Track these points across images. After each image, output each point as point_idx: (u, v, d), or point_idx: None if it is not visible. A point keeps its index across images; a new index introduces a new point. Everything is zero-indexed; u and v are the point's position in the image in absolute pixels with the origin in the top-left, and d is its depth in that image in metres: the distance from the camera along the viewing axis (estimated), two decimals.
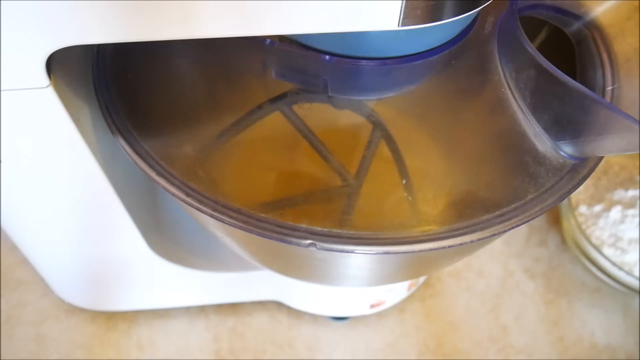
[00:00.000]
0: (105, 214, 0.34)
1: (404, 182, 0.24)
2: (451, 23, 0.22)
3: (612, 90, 0.27)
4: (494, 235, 0.24)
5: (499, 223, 0.24)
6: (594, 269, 0.51)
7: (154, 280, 0.43)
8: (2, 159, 0.27)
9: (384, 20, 0.20)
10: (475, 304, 0.51)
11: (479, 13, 0.27)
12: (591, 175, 0.26)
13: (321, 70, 0.25)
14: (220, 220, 0.24)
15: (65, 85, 0.25)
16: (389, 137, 0.25)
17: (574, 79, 0.23)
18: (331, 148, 0.25)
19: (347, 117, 0.26)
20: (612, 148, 0.23)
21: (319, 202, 0.25)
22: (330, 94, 0.26)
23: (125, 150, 0.26)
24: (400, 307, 0.50)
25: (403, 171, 0.25)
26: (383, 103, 0.26)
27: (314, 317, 0.49)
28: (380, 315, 0.50)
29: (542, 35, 0.30)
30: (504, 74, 0.26)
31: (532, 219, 0.25)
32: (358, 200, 0.25)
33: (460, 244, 0.24)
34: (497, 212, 0.24)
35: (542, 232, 0.55)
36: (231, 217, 0.24)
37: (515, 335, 0.49)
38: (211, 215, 0.24)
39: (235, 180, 0.25)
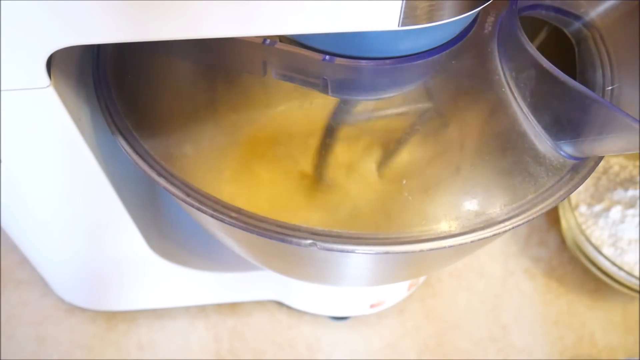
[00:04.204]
0: (105, 214, 0.34)
1: (404, 182, 0.24)
2: (451, 23, 0.22)
3: (612, 90, 0.27)
4: (494, 235, 0.24)
5: (499, 223, 0.24)
6: (594, 269, 0.51)
7: (154, 280, 0.44)
8: (2, 159, 0.27)
9: (384, 20, 0.20)
10: (475, 304, 0.51)
11: (479, 13, 0.27)
12: (591, 175, 0.26)
13: (321, 70, 0.25)
14: (220, 220, 0.24)
15: (65, 85, 0.25)
16: (389, 137, 0.25)
17: (574, 79, 0.23)
18: (331, 148, 0.25)
19: (347, 118, 0.26)
20: (612, 148, 0.23)
21: (319, 202, 0.25)
22: (330, 93, 0.26)
23: (125, 150, 0.26)
24: (400, 307, 0.50)
25: (403, 171, 0.25)
26: (383, 103, 0.26)
27: (314, 317, 0.49)
28: (380, 315, 0.50)
29: (542, 35, 0.30)
30: (504, 74, 0.26)
31: (532, 219, 0.25)
32: (358, 200, 0.24)
33: (461, 244, 0.24)
34: (497, 212, 0.24)
35: (542, 232, 0.55)
36: (231, 217, 0.24)
37: (515, 335, 0.49)
38: (211, 215, 0.24)
39: (235, 180, 0.25)
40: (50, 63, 0.22)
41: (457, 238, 0.24)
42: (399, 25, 0.20)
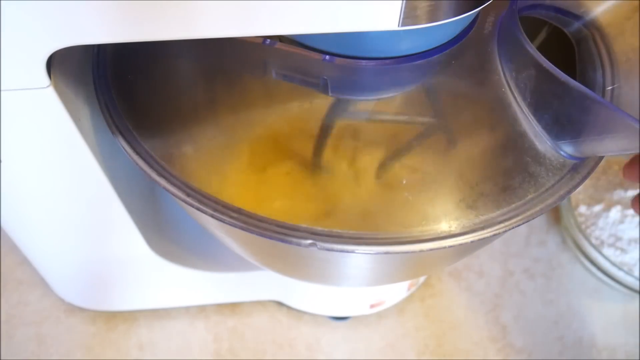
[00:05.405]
0: (105, 214, 0.34)
1: (404, 182, 0.25)
2: (451, 23, 0.22)
3: (612, 90, 0.27)
4: (494, 235, 0.24)
5: (499, 223, 0.24)
6: (593, 269, 0.51)
7: (154, 280, 0.44)
8: (2, 159, 0.27)
9: (384, 20, 0.20)
10: (475, 304, 0.51)
11: (479, 13, 0.27)
12: (591, 175, 0.26)
13: (321, 70, 0.25)
14: (220, 221, 0.24)
15: (65, 85, 0.25)
16: (389, 137, 0.25)
17: (574, 79, 0.23)
18: (331, 148, 0.25)
19: (347, 117, 0.26)
20: (612, 148, 0.23)
21: (319, 202, 0.25)
22: (330, 93, 0.26)
23: (125, 150, 0.26)
24: (400, 307, 0.50)
25: (403, 171, 0.25)
26: (383, 103, 0.26)
27: (314, 317, 0.49)
28: (380, 315, 0.50)
29: (542, 35, 0.30)
30: (504, 74, 0.26)
31: (532, 218, 0.25)
32: (358, 200, 0.24)
33: (461, 244, 0.24)
34: (497, 212, 0.24)
35: (542, 232, 0.55)
36: (231, 217, 0.24)
37: (515, 335, 0.50)
38: (212, 216, 0.24)
39: (235, 180, 0.25)
40: (50, 63, 0.22)
41: (457, 238, 0.24)
42: (399, 25, 0.20)
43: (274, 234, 0.24)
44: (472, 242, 0.24)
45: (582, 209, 0.52)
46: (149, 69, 0.28)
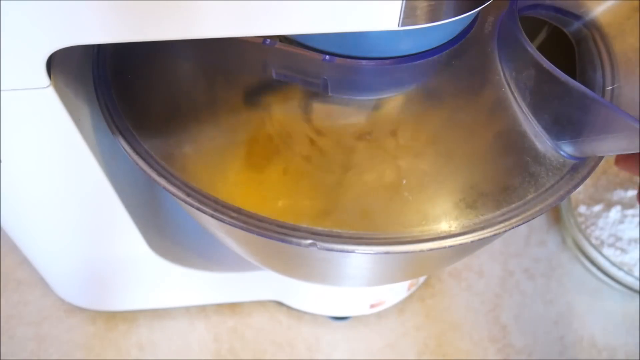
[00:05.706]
0: (105, 214, 0.34)
1: (404, 182, 0.25)
2: (451, 23, 0.22)
3: (612, 90, 0.27)
4: (494, 235, 0.24)
5: (499, 223, 0.24)
6: (593, 269, 0.51)
7: (154, 280, 0.44)
8: (2, 159, 0.27)
9: (384, 20, 0.20)
10: (475, 304, 0.51)
11: (479, 13, 0.27)
12: (591, 175, 0.26)
13: (321, 70, 0.25)
14: (220, 221, 0.24)
15: (65, 85, 0.25)
16: (389, 137, 0.25)
17: (574, 79, 0.23)
18: (331, 148, 0.25)
19: (347, 117, 0.26)
20: (612, 148, 0.23)
21: (319, 201, 0.25)
22: (330, 93, 0.26)
23: (125, 150, 0.26)
24: (400, 307, 0.50)
25: (403, 171, 0.25)
26: (383, 103, 0.26)
27: (314, 317, 0.49)
28: (380, 315, 0.50)
29: (542, 35, 0.30)
30: (504, 74, 0.26)
31: (532, 218, 0.25)
32: (358, 200, 0.25)
33: (461, 244, 0.24)
34: (497, 212, 0.24)
35: (542, 232, 0.55)
36: (231, 217, 0.24)
37: (515, 335, 0.50)
38: (212, 216, 0.24)
39: (235, 180, 0.25)
40: (50, 63, 0.22)
41: (457, 238, 0.24)
42: (399, 25, 0.20)
43: (274, 234, 0.24)
44: (472, 242, 0.24)
45: (582, 209, 0.52)
46: (149, 69, 0.28)
